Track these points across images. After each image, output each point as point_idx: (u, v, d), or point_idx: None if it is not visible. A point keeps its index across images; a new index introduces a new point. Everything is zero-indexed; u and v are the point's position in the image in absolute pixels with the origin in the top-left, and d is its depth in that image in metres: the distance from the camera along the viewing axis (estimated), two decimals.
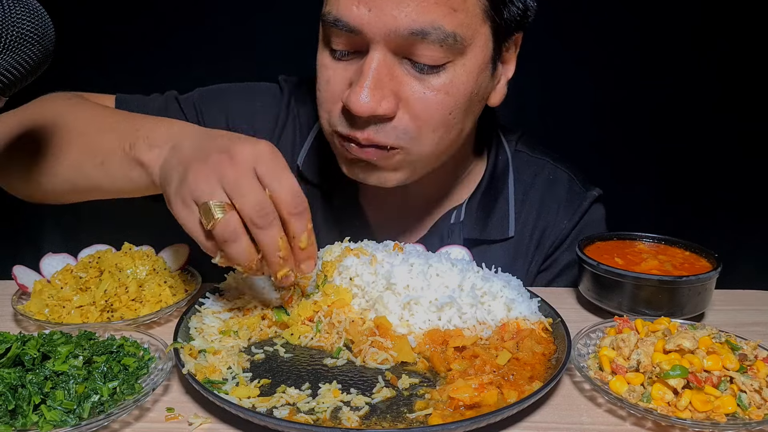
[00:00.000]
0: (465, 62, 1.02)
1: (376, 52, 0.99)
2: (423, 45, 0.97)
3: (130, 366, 0.82)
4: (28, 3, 0.80)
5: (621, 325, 0.92)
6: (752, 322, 1.08)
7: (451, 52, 0.99)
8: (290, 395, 0.80)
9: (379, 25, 0.96)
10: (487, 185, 1.30)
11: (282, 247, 0.85)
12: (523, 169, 1.34)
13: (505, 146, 1.35)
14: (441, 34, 0.96)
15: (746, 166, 1.92)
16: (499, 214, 1.29)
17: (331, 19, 1.00)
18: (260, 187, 0.84)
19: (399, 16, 0.95)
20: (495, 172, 1.31)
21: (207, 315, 0.99)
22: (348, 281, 1.01)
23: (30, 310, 1.00)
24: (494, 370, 0.85)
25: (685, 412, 0.76)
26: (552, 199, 1.33)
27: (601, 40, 1.83)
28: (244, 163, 0.84)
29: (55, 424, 0.71)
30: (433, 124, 1.04)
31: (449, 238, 1.28)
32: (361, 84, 0.98)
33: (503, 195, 1.30)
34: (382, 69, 0.99)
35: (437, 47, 0.97)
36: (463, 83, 1.03)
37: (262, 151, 0.85)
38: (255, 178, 0.84)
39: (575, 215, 1.32)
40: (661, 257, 1.12)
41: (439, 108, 1.03)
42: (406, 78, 1.01)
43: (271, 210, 0.83)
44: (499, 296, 1.00)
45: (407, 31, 0.95)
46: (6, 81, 0.79)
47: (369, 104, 0.98)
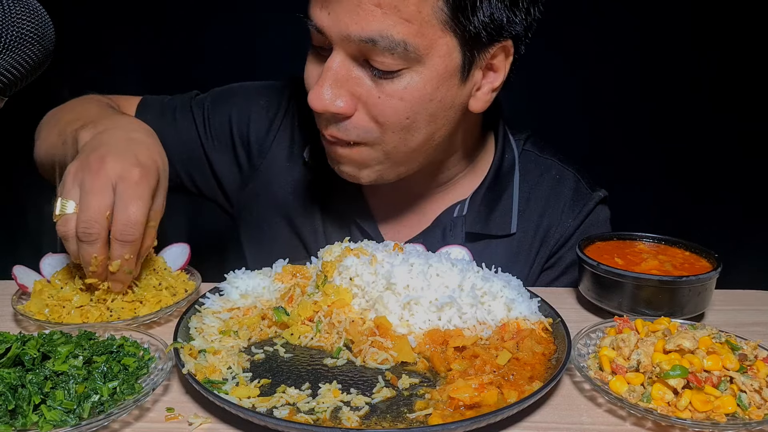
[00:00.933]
0: (423, 70, 1.04)
1: (336, 54, 1.04)
2: (375, 52, 1.01)
3: (130, 366, 0.82)
4: (28, 3, 0.80)
5: (621, 325, 0.92)
6: (752, 322, 1.08)
7: (405, 60, 1.01)
8: (290, 395, 0.80)
9: (335, 29, 1.01)
10: (491, 181, 1.31)
11: (93, 264, 0.95)
12: (530, 168, 1.35)
13: (513, 144, 1.36)
14: (390, 42, 0.99)
15: (746, 166, 1.92)
16: (502, 211, 1.30)
17: (305, 17, 1.06)
18: (105, 204, 0.93)
19: (350, 24, 0.99)
20: (501, 169, 1.32)
21: (207, 315, 0.99)
22: (348, 281, 1.01)
23: (30, 310, 1.00)
24: (494, 370, 0.85)
25: (685, 412, 0.76)
26: (557, 198, 1.33)
27: (601, 40, 1.83)
28: (104, 177, 0.93)
29: (55, 424, 0.71)
30: (390, 126, 1.08)
31: (451, 232, 1.29)
32: (320, 82, 1.04)
33: (507, 192, 1.31)
34: (340, 69, 1.04)
35: (388, 55, 1.00)
36: (419, 90, 1.04)
37: (129, 174, 0.94)
38: (108, 194, 0.93)
39: (580, 214, 1.32)
40: (661, 257, 1.12)
41: (393, 112, 1.06)
42: (363, 80, 1.05)
43: (96, 230, 0.92)
44: (499, 296, 1.00)
45: (357, 38, 0.99)
46: (6, 81, 0.79)
47: (323, 102, 1.04)
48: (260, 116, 1.39)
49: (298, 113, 1.37)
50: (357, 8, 0.98)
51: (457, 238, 1.28)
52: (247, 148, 1.39)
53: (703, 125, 1.89)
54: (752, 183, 1.91)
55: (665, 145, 1.92)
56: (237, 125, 1.39)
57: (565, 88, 1.86)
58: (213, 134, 1.40)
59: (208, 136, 1.40)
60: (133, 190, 0.93)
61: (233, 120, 1.39)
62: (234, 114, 1.39)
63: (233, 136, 1.39)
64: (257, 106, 1.39)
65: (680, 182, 1.93)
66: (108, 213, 0.93)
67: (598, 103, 1.88)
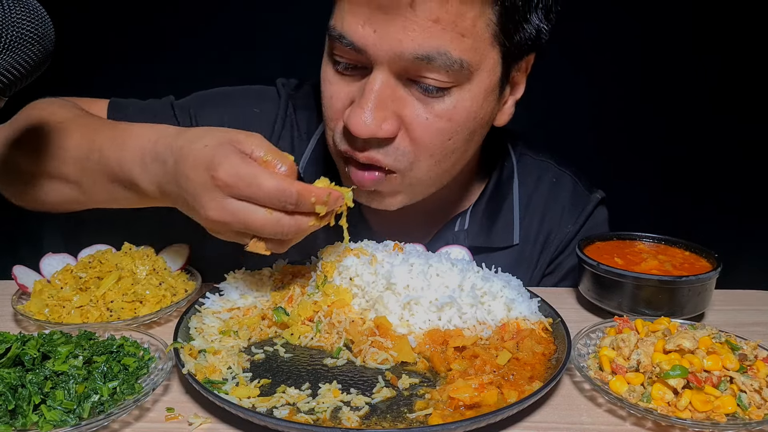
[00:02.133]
0: (471, 87, 0.99)
1: (379, 73, 0.96)
2: (428, 70, 0.94)
3: (130, 366, 0.82)
4: (28, 3, 0.80)
5: (621, 325, 0.92)
6: (752, 322, 1.08)
7: (456, 78, 0.96)
8: (290, 395, 0.80)
9: (384, 47, 0.93)
10: (492, 193, 1.29)
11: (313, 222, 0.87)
12: (527, 172, 1.33)
13: (511, 154, 1.33)
14: (447, 60, 0.93)
15: (746, 166, 1.92)
16: (503, 222, 1.27)
17: (336, 34, 0.97)
18: (267, 172, 0.84)
19: (404, 40, 0.92)
20: (500, 179, 1.30)
21: (207, 315, 0.99)
22: (348, 281, 1.01)
23: (30, 310, 1.00)
24: (494, 370, 0.85)
25: (685, 412, 0.76)
26: (556, 202, 1.32)
27: (602, 42, 1.83)
28: (239, 160, 0.85)
29: (55, 424, 0.71)
30: (430, 149, 1.02)
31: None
32: (362, 105, 0.96)
33: (508, 202, 1.29)
34: (384, 90, 0.96)
35: (443, 73, 0.95)
36: (466, 109, 1.00)
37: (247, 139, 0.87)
38: (254, 165, 0.85)
39: (579, 218, 1.31)
40: (661, 257, 1.12)
41: (438, 134, 1.00)
42: (409, 100, 0.99)
43: (292, 190, 0.83)
44: (499, 296, 1.00)
45: (412, 56, 0.93)
46: (6, 81, 0.79)
47: (370, 126, 0.96)
48: (259, 123, 1.31)
49: (297, 123, 1.32)
50: (412, 24, 0.91)
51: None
52: None
53: (703, 126, 1.89)
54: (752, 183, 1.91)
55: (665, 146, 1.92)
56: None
57: (565, 89, 1.85)
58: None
59: None
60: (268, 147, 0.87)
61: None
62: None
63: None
64: (252, 112, 1.32)
65: (680, 182, 1.93)
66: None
67: (598, 104, 1.88)
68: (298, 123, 1.32)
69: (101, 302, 1.02)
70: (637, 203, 1.94)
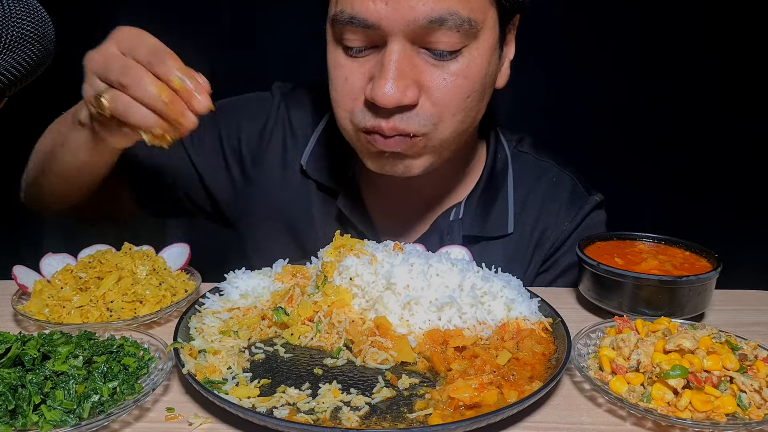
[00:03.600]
0: (478, 46, 1.05)
1: (395, 44, 1.01)
2: (440, 32, 1.00)
3: (130, 366, 0.82)
4: (28, 3, 0.80)
5: (621, 325, 0.92)
6: (752, 322, 1.08)
7: (466, 37, 1.02)
8: (290, 395, 0.80)
9: (397, 17, 0.98)
10: (486, 183, 1.31)
11: (162, 91, 0.89)
12: (527, 170, 1.35)
13: (504, 145, 1.36)
14: (458, 19, 0.99)
15: (746, 166, 1.92)
16: (498, 211, 1.30)
17: (346, 18, 1.01)
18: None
19: (417, 6, 0.98)
20: (494, 170, 1.32)
21: (207, 315, 0.99)
22: (348, 281, 1.01)
23: (30, 310, 1.00)
24: (494, 370, 0.85)
25: (685, 412, 0.76)
26: (554, 201, 1.33)
27: (602, 41, 1.83)
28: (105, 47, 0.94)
29: (55, 424, 0.71)
30: (453, 108, 1.07)
31: (449, 236, 1.29)
32: (385, 76, 1.01)
33: (502, 193, 1.31)
34: (402, 60, 1.01)
35: (454, 33, 1.00)
36: (478, 66, 1.06)
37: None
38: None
39: (576, 217, 1.33)
40: (661, 257, 1.12)
41: (458, 92, 1.06)
42: (425, 66, 1.04)
43: (129, 62, 0.91)
44: (499, 296, 1.00)
45: (426, 20, 0.98)
46: (6, 81, 0.79)
47: (395, 95, 1.01)
48: (250, 127, 1.37)
49: (289, 121, 1.37)
50: None
51: (454, 241, 1.28)
52: (240, 162, 1.38)
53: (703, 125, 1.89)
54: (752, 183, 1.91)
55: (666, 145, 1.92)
56: (228, 141, 1.37)
57: (565, 89, 1.86)
58: (204, 154, 1.38)
59: (199, 155, 1.38)
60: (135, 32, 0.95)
61: (223, 136, 1.37)
62: (223, 130, 1.37)
63: (225, 153, 1.38)
64: (245, 118, 1.38)
65: (680, 182, 1.93)
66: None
67: (598, 104, 1.88)
68: (291, 120, 1.37)
69: (101, 302, 1.02)
70: (637, 203, 1.93)
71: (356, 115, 1.09)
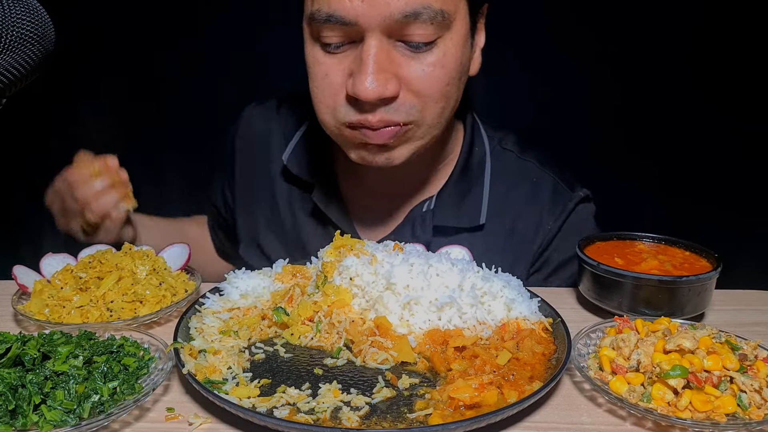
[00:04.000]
0: (452, 36, 1.08)
1: (372, 39, 1.04)
2: (415, 25, 1.03)
3: (130, 366, 0.82)
4: (28, 3, 0.80)
5: (621, 325, 0.92)
6: (752, 322, 1.08)
7: (440, 28, 1.05)
8: (290, 395, 0.80)
9: (374, 13, 1.01)
10: (459, 175, 1.32)
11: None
12: (509, 169, 1.35)
13: (484, 139, 1.37)
14: (431, 12, 1.02)
15: (746, 166, 1.92)
16: (470, 203, 1.31)
17: (323, 17, 1.04)
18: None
19: (392, 2, 1.00)
20: (469, 162, 1.33)
21: (207, 315, 0.99)
22: (348, 281, 1.01)
23: (30, 310, 1.00)
24: (494, 370, 0.85)
25: (685, 412, 0.76)
26: (536, 201, 1.34)
27: (602, 41, 1.82)
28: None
29: (55, 424, 0.71)
30: (434, 97, 1.10)
31: (420, 227, 1.30)
32: (365, 71, 1.03)
33: (477, 186, 1.32)
34: (380, 54, 1.04)
35: (428, 25, 1.03)
36: (453, 55, 1.09)
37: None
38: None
39: (561, 215, 1.33)
40: (661, 257, 1.12)
41: (437, 81, 1.09)
42: (403, 59, 1.07)
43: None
44: (499, 296, 1.00)
45: (401, 15, 1.01)
46: (6, 81, 0.79)
47: (376, 89, 1.03)
48: (224, 172, 1.49)
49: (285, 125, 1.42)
50: None
51: (426, 232, 1.29)
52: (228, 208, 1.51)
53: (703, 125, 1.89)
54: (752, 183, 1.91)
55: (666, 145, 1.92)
56: (224, 195, 1.50)
57: (565, 88, 1.85)
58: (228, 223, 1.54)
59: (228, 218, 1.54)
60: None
61: (226, 192, 1.50)
62: (225, 186, 1.50)
63: (226, 203, 1.51)
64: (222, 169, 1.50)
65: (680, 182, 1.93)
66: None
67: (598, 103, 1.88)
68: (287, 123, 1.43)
69: (101, 302, 1.02)
70: (637, 203, 1.93)
71: (339, 111, 1.11)
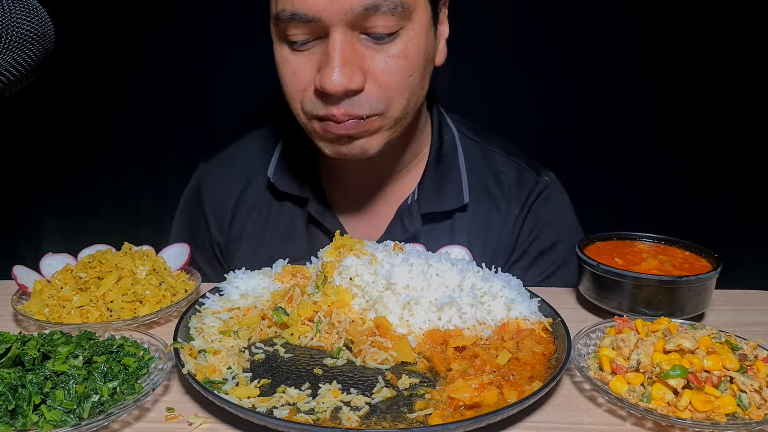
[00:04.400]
0: (413, 26, 1.10)
1: (336, 34, 1.06)
2: (376, 17, 1.05)
3: (130, 366, 0.82)
4: (28, 3, 0.80)
5: (621, 325, 0.92)
6: (752, 322, 1.08)
7: (401, 19, 1.07)
8: (290, 395, 0.80)
9: (335, 8, 1.03)
10: (435, 162, 1.34)
11: None
12: (477, 159, 1.38)
13: (450, 125, 1.39)
14: (390, 4, 1.05)
15: (747, 166, 1.91)
16: (451, 186, 1.33)
17: (288, 15, 1.06)
18: None
19: None
20: (441, 149, 1.35)
21: (207, 315, 0.99)
22: (348, 281, 1.01)
23: (30, 310, 1.00)
24: (494, 370, 0.85)
25: (685, 412, 0.76)
26: (503, 191, 1.35)
27: (601, 40, 1.82)
28: None
29: (55, 424, 0.71)
30: (399, 89, 1.12)
31: (409, 219, 1.31)
32: (331, 65, 1.05)
33: (454, 168, 1.34)
34: (345, 48, 1.06)
35: (389, 16, 1.06)
36: (416, 45, 1.11)
37: None
38: None
39: (528, 200, 1.35)
40: (661, 257, 1.12)
41: (401, 73, 1.11)
42: (367, 52, 1.09)
43: None
44: (499, 296, 1.00)
45: (361, 8, 1.03)
46: (6, 81, 0.79)
47: (342, 82, 1.06)
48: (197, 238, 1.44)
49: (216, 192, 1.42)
50: None
51: (415, 222, 1.30)
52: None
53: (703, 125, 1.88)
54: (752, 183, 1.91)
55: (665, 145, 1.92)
56: (213, 251, 1.46)
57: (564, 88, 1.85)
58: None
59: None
60: None
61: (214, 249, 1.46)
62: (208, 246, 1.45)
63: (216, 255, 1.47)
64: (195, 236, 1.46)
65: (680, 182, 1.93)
66: None
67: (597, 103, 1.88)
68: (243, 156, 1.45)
69: (101, 302, 1.02)
70: (637, 203, 1.93)
71: (306, 104, 1.13)
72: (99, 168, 1.94)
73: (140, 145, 1.93)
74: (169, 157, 1.93)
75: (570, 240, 1.35)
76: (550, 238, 1.36)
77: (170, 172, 1.93)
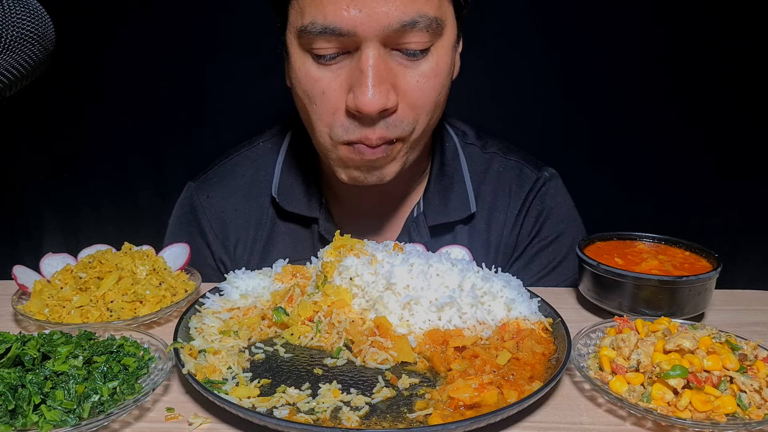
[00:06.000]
0: (443, 43, 1.08)
1: (370, 49, 1.01)
2: (412, 34, 1.02)
3: (130, 366, 0.82)
4: (28, 3, 0.80)
5: (621, 325, 0.92)
6: (752, 322, 1.08)
7: (434, 36, 1.05)
8: (290, 395, 0.80)
9: (372, 23, 0.99)
10: (439, 172, 1.33)
11: None
12: (476, 165, 1.37)
13: (451, 133, 1.38)
14: (427, 20, 1.01)
15: (747, 166, 1.91)
16: (457, 195, 1.31)
17: (318, 29, 1.01)
18: None
19: (390, 12, 0.99)
20: (444, 158, 1.34)
21: (207, 315, 0.99)
22: (348, 281, 1.01)
23: (30, 310, 1.00)
24: (494, 370, 0.85)
25: (685, 412, 0.76)
26: (503, 191, 1.35)
27: (601, 41, 1.82)
28: None
29: (55, 424, 0.71)
30: (428, 108, 1.09)
31: (416, 232, 1.30)
32: (365, 83, 1.01)
33: (458, 178, 1.33)
34: (379, 64, 1.02)
35: (425, 33, 1.02)
36: (445, 62, 1.09)
37: None
38: None
39: (528, 197, 1.35)
40: (661, 257, 1.12)
41: (431, 92, 1.08)
42: (399, 68, 1.05)
43: None
44: (499, 296, 1.00)
45: (399, 24, 1.00)
46: (6, 81, 0.79)
47: (379, 100, 1.01)
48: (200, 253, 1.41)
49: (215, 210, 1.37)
50: None
51: (423, 235, 1.30)
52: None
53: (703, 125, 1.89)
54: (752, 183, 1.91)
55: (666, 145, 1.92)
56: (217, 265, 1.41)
57: (564, 88, 1.85)
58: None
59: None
60: None
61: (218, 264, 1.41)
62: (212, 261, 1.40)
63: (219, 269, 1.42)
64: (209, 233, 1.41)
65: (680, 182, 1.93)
66: None
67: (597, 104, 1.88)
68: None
69: (101, 302, 1.02)
70: (638, 203, 1.93)
71: (336, 129, 1.07)
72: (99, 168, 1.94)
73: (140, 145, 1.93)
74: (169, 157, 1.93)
75: (571, 233, 1.35)
76: (551, 232, 1.36)
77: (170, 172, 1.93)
